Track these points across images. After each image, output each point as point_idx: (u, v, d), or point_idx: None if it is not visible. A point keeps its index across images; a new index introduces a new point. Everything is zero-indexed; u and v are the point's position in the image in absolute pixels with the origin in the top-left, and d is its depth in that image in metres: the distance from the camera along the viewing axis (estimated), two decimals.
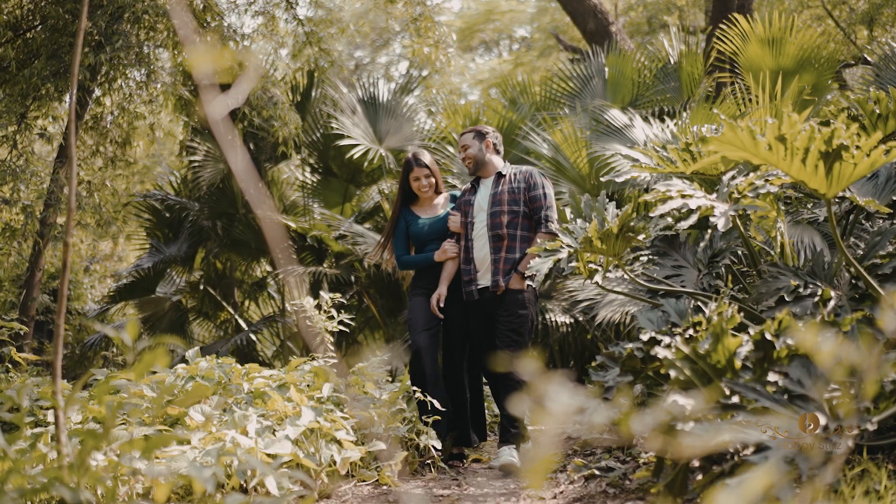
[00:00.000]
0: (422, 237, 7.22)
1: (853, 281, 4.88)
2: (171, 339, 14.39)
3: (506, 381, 6.57)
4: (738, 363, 3.88)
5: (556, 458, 6.17)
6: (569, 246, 5.82)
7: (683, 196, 5.22)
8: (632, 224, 5.83)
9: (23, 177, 10.61)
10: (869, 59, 10.96)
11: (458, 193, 7.36)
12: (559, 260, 5.71)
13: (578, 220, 6.10)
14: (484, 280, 6.83)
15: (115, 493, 2.95)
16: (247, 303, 15.15)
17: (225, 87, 10.53)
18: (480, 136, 7.10)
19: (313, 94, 13.90)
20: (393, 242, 7.31)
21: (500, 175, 7.03)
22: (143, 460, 3.26)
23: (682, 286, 6.39)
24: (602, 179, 6.39)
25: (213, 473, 2.64)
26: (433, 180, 7.21)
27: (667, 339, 4.27)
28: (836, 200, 5.47)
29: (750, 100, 9.68)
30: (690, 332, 4.30)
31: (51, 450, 3.22)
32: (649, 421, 3.61)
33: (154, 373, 6.85)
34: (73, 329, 14.45)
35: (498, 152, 7.18)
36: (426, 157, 7.19)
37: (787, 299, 4.85)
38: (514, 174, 7.00)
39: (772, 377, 3.80)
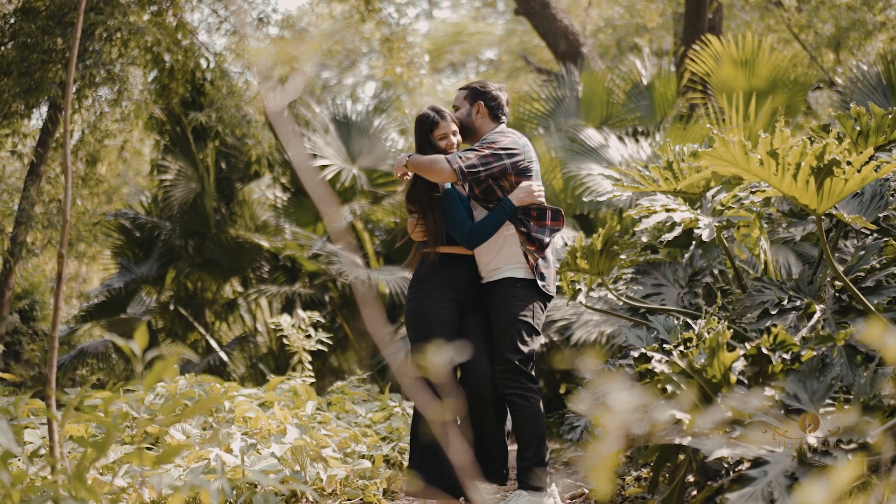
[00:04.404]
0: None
1: (837, 294, 4.90)
2: (178, 348, 14.27)
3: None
4: (733, 378, 3.88)
5: (619, 458, 5.67)
6: None
7: (668, 210, 5.25)
8: (616, 238, 5.86)
9: None
10: (839, 80, 11.09)
11: None
12: None
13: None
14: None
15: None
16: (217, 323, 15.03)
17: None
18: (474, 96, 5.55)
19: (285, 112, 13.85)
20: (456, 217, 5.32)
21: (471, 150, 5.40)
22: (141, 474, 3.20)
23: (663, 304, 6.41)
24: (584, 200, 6.40)
25: (220, 487, 2.60)
26: (459, 138, 5.50)
27: (658, 356, 4.26)
28: (823, 217, 5.51)
29: (723, 120, 9.76)
30: (681, 348, 4.30)
31: (42, 467, 3.15)
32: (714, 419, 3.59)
33: (130, 391, 6.76)
34: (40, 350, 14.26)
35: (497, 118, 5.55)
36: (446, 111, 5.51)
37: (771, 312, 4.87)
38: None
39: (768, 392, 3.80)
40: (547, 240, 5.29)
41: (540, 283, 5.25)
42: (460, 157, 5.18)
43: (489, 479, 5.32)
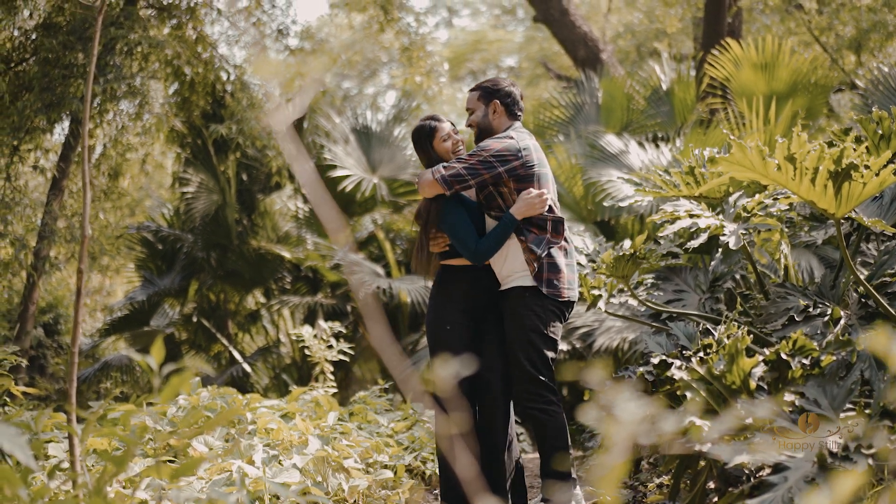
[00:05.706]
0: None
1: (862, 300, 4.86)
2: (201, 360, 14.35)
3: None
4: (753, 384, 3.86)
5: (627, 466, 5.56)
6: None
7: (692, 216, 5.21)
8: (644, 249, 5.82)
9: (16, 209, 10.58)
10: (859, 83, 11.03)
11: None
12: None
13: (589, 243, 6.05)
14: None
15: None
16: (240, 334, 15.08)
17: None
18: (487, 95, 5.31)
19: (305, 123, 13.91)
20: (460, 232, 5.18)
21: None
22: (162, 488, 3.21)
23: (685, 310, 6.38)
24: (605, 205, 6.37)
25: (237, 500, 2.61)
26: (462, 135, 5.38)
27: (678, 362, 4.25)
28: (842, 221, 5.48)
29: (744, 124, 9.72)
30: (701, 354, 4.28)
31: (64, 482, 3.17)
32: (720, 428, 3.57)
33: (151, 404, 6.79)
34: (64, 363, 14.34)
35: (513, 115, 5.34)
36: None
37: (796, 319, 4.83)
38: None
39: (788, 397, 3.78)
40: (541, 252, 5.07)
41: (546, 290, 5.02)
42: (444, 167, 5.05)
43: (494, 493, 5.13)
